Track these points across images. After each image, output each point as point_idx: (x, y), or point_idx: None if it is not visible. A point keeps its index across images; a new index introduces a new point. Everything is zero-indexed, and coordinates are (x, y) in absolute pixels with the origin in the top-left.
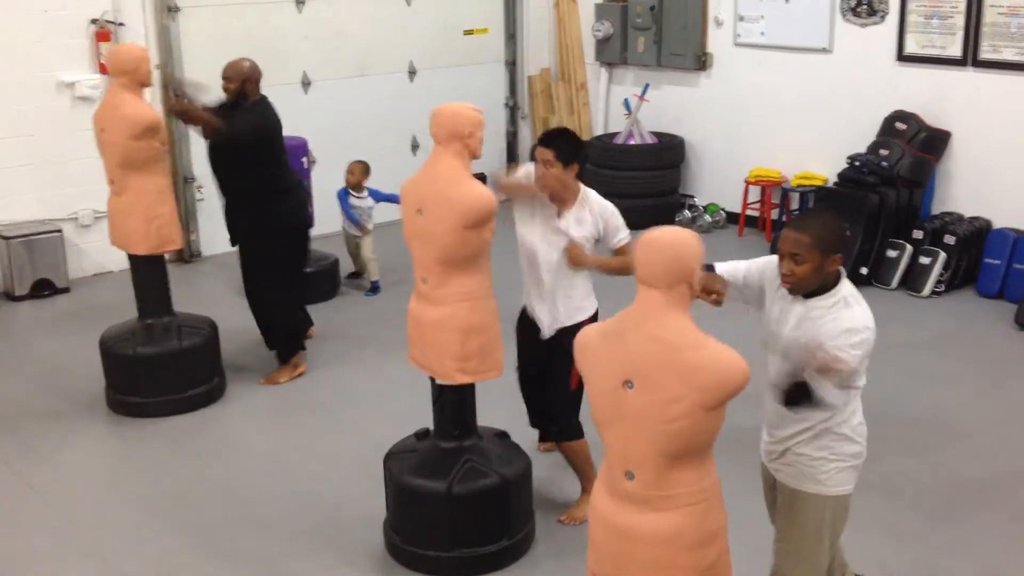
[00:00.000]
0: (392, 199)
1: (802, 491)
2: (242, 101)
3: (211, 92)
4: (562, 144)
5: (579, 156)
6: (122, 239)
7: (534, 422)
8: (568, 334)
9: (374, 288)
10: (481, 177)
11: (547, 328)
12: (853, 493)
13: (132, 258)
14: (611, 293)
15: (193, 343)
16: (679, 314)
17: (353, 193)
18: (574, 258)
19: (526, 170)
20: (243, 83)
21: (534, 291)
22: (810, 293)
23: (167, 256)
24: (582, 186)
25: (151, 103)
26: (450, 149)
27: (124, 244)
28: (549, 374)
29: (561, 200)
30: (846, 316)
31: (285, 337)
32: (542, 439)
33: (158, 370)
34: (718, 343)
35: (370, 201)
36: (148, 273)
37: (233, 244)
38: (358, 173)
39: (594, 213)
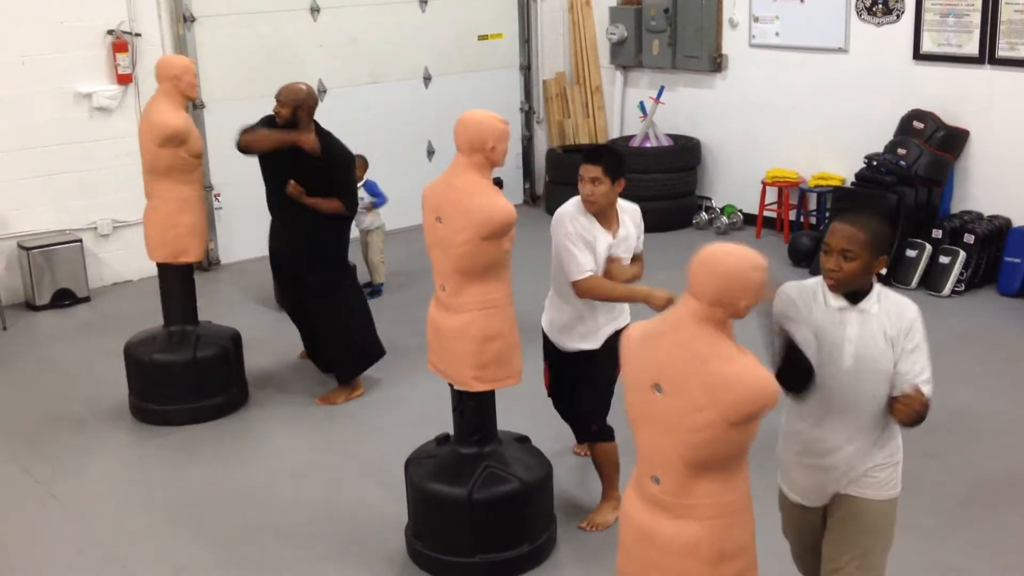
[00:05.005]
0: (378, 201)
1: (880, 500)
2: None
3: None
4: (609, 160)
5: (624, 171)
6: (145, 243)
7: (577, 430)
8: (615, 337)
9: (376, 291)
10: (498, 183)
11: (583, 344)
12: None
13: (159, 265)
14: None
15: (208, 353)
16: (716, 326)
17: None
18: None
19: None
20: (295, 110)
21: (574, 310)
22: (855, 297)
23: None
24: None
25: (187, 116)
26: (470, 160)
27: (146, 248)
28: (595, 371)
29: (605, 216)
30: (904, 307)
31: (348, 358)
32: (580, 441)
33: (173, 377)
34: (751, 358)
35: (364, 192)
36: (172, 281)
37: (285, 268)
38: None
39: (632, 220)
